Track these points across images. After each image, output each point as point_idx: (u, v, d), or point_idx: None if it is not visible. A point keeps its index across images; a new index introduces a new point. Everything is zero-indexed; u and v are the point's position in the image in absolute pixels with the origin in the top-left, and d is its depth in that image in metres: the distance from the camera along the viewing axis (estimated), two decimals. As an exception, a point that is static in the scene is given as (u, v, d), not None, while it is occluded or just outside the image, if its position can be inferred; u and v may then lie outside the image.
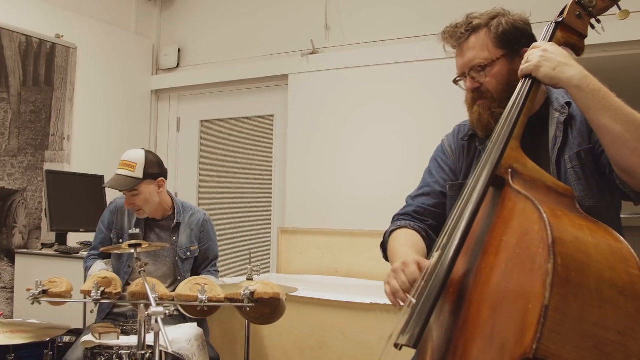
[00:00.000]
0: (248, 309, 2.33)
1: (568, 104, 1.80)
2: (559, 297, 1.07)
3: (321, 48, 5.27)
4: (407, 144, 4.71)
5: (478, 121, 1.83)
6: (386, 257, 2.03)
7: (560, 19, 1.71)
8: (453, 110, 4.30)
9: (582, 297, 1.09)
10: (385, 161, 4.81)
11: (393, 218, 2.10)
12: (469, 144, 2.00)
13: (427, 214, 2.02)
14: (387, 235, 2.05)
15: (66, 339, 3.60)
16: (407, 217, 2.04)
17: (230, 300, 2.34)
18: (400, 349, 1.36)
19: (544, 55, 1.59)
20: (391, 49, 4.90)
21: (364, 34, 5.11)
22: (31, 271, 4.60)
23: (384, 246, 2.06)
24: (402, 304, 1.54)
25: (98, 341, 2.67)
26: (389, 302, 1.64)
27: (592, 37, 1.76)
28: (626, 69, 4.81)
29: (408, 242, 1.90)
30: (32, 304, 2.33)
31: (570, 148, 1.75)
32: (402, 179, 4.61)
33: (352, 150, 5.00)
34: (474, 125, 1.87)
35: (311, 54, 5.27)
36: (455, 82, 1.94)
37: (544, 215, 1.19)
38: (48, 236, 4.94)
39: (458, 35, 1.86)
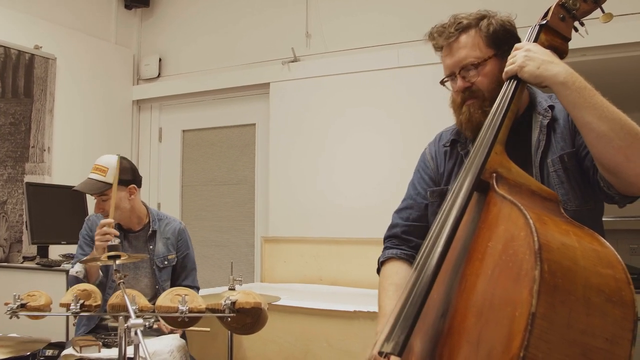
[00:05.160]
0: (229, 319, 2.30)
1: (551, 107, 1.80)
2: (546, 304, 1.06)
3: (302, 56, 5.27)
4: (391, 150, 4.71)
5: (468, 121, 1.81)
6: None
7: (544, 22, 1.71)
8: (436, 116, 4.31)
9: (569, 304, 1.08)
10: (369, 168, 4.81)
11: (384, 240, 2.12)
12: (451, 149, 1.99)
13: (412, 231, 2.03)
14: (379, 264, 2.09)
15: (48, 352, 3.56)
16: (395, 241, 2.06)
17: (212, 310, 2.32)
18: (385, 356, 1.34)
19: (528, 55, 1.60)
20: (372, 56, 4.91)
21: (344, 41, 5.12)
22: (13, 285, 4.54)
23: (378, 272, 2.09)
24: None
25: (79, 354, 2.64)
26: (372, 310, 1.64)
27: (574, 41, 1.76)
28: (607, 73, 4.84)
29: (394, 286, 1.92)
30: (10, 318, 2.30)
31: (553, 152, 1.75)
32: (386, 186, 4.61)
33: (335, 157, 4.99)
34: (462, 126, 1.85)
35: (292, 61, 5.27)
36: (442, 82, 1.93)
37: (530, 221, 1.18)
38: (29, 249, 4.89)
39: (447, 34, 1.85)
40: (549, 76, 1.57)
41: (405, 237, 2.04)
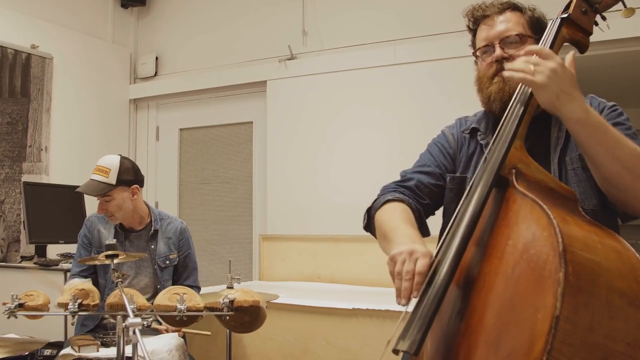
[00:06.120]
0: (228, 317, 2.30)
1: None
2: (570, 307, 1.03)
3: (299, 53, 5.26)
4: (388, 147, 4.71)
5: (499, 91, 1.75)
6: (368, 226, 1.94)
7: (566, 15, 1.66)
8: (432, 112, 4.33)
9: (592, 307, 1.06)
10: (366, 165, 4.81)
11: (386, 187, 1.99)
12: (470, 137, 1.95)
13: (426, 192, 1.92)
14: (377, 204, 1.92)
15: (47, 352, 3.55)
16: (405, 190, 1.93)
17: (210, 309, 2.32)
18: (399, 354, 1.27)
19: (552, 77, 1.46)
20: (369, 53, 4.91)
21: (341, 39, 5.11)
22: (11, 284, 4.54)
23: (369, 213, 1.95)
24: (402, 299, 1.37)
25: (77, 354, 2.64)
26: (371, 307, 1.58)
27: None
28: (606, 68, 4.84)
29: (407, 217, 1.75)
30: (8, 318, 2.29)
31: (572, 149, 1.72)
32: (383, 183, 4.59)
33: (333, 155, 4.99)
34: (490, 97, 1.79)
35: (289, 59, 5.26)
36: (474, 53, 1.91)
37: (554, 221, 1.15)
38: (27, 249, 4.89)
39: (496, 6, 1.85)
40: (564, 112, 1.49)
41: (418, 193, 1.92)
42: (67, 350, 2.74)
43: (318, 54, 5.20)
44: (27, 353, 2.79)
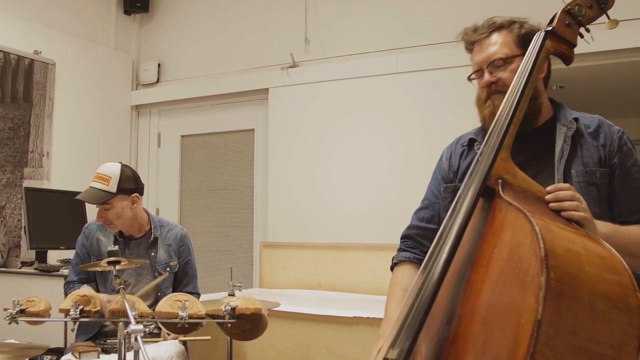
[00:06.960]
0: (229, 325, 2.30)
1: (576, 119, 1.82)
2: (552, 311, 1.06)
3: (301, 61, 5.27)
4: (389, 155, 4.71)
5: (492, 114, 1.80)
6: None
7: (550, 28, 1.70)
8: (434, 121, 4.33)
9: (575, 311, 1.08)
10: (368, 173, 4.81)
11: (401, 237, 2.16)
12: (468, 148, 2.02)
13: (426, 235, 2.05)
14: (393, 262, 2.13)
15: (46, 358, 3.54)
16: (409, 242, 2.11)
17: (211, 316, 2.31)
18: None
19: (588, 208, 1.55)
20: (371, 61, 4.92)
21: (343, 47, 5.12)
22: (11, 290, 4.54)
23: (392, 269, 2.14)
24: None
25: (78, 360, 2.63)
26: (372, 315, 1.65)
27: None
28: (606, 78, 4.85)
29: (402, 292, 1.95)
30: (10, 323, 2.29)
31: (578, 163, 1.76)
32: (385, 191, 4.61)
33: (334, 163, 4.99)
34: (485, 120, 1.87)
35: (291, 67, 5.27)
36: (469, 78, 1.96)
37: (536, 228, 1.18)
38: (28, 254, 4.88)
39: (481, 31, 1.90)
40: (600, 234, 1.54)
41: (419, 240, 2.08)
42: (67, 357, 2.73)
43: (320, 62, 5.21)
44: (27, 359, 2.78)
